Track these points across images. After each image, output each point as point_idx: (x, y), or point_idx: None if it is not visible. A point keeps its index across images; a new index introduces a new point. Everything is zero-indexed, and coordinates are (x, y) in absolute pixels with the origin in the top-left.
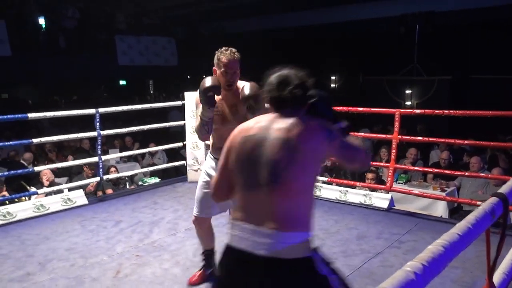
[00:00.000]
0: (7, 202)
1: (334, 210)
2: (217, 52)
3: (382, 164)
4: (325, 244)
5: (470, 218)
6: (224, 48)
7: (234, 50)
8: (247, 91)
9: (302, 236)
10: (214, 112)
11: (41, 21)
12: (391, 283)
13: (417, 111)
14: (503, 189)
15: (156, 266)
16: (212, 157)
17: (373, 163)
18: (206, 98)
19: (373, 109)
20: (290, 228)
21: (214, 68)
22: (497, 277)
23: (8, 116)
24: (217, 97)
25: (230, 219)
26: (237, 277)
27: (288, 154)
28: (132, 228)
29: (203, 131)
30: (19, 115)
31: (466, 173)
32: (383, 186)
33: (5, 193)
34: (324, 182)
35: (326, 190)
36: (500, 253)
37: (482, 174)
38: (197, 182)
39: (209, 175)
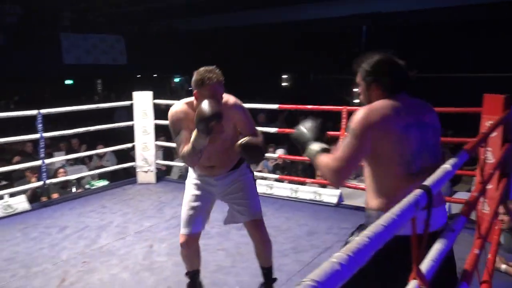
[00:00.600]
0: None
1: (285, 207)
2: (197, 73)
3: None
4: (276, 241)
5: (395, 210)
6: (202, 69)
7: (217, 71)
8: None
9: None
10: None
11: None
12: (317, 275)
13: None
14: (428, 181)
15: (104, 271)
16: (197, 176)
17: None
18: (207, 128)
19: (321, 107)
20: None
21: (194, 91)
22: (425, 265)
23: None
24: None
25: None
26: None
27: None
28: (79, 233)
29: (194, 159)
30: None
31: None
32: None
33: None
34: (275, 180)
35: (278, 188)
36: (425, 241)
37: None
38: (147, 183)
39: (195, 193)
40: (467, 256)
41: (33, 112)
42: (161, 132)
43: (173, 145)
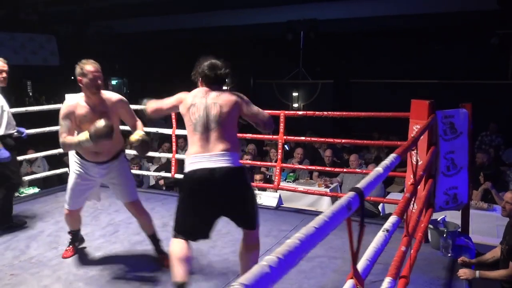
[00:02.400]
0: None
1: None
2: (79, 64)
3: (270, 164)
4: (216, 245)
5: (327, 212)
6: (83, 60)
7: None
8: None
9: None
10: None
11: None
12: (246, 278)
13: (300, 112)
14: (360, 184)
15: (34, 284)
16: (80, 158)
17: (261, 163)
18: (97, 142)
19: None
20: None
21: (79, 78)
22: (361, 264)
23: None
24: (85, 106)
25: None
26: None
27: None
28: (6, 244)
29: (73, 149)
30: None
31: (345, 170)
32: (271, 185)
33: None
34: None
35: None
36: (361, 242)
37: (358, 170)
38: None
39: (80, 174)
40: (395, 253)
41: None
42: None
43: None
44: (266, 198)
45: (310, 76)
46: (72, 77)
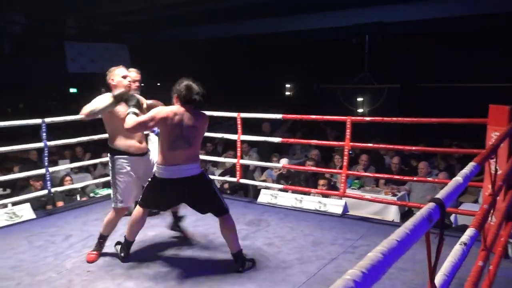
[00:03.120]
0: None
1: (289, 217)
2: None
3: (335, 170)
4: (281, 251)
5: (408, 224)
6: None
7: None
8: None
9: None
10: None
11: None
12: None
13: (367, 118)
14: (440, 194)
15: (109, 281)
16: (127, 156)
17: (327, 170)
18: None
19: (325, 117)
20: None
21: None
22: (438, 279)
23: None
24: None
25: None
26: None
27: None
28: (83, 242)
29: (97, 112)
30: None
31: (415, 178)
32: (336, 192)
33: None
34: (279, 190)
35: (282, 197)
36: (440, 256)
37: (429, 179)
38: None
39: (127, 172)
40: (472, 268)
41: (38, 120)
42: None
43: None
44: (331, 205)
45: (375, 80)
46: (142, 84)
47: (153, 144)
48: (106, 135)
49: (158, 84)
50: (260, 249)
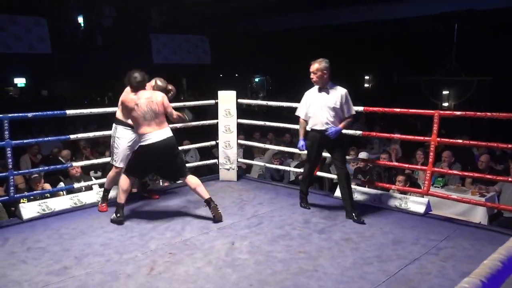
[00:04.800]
0: (48, 196)
1: (368, 213)
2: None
3: (418, 167)
4: (359, 248)
5: None
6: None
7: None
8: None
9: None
10: None
11: (80, 19)
12: None
13: (458, 112)
14: None
15: (189, 264)
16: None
17: (408, 165)
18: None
19: (410, 110)
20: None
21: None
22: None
23: (48, 112)
24: None
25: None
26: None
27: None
28: (165, 225)
29: None
30: (58, 112)
31: (510, 179)
32: (419, 190)
33: (47, 185)
34: (357, 185)
35: (360, 193)
36: None
37: None
38: (229, 180)
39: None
40: None
41: None
42: (241, 131)
43: (254, 143)
44: (412, 203)
45: (464, 72)
46: (221, 75)
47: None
48: (187, 124)
49: (236, 75)
50: (338, 244)
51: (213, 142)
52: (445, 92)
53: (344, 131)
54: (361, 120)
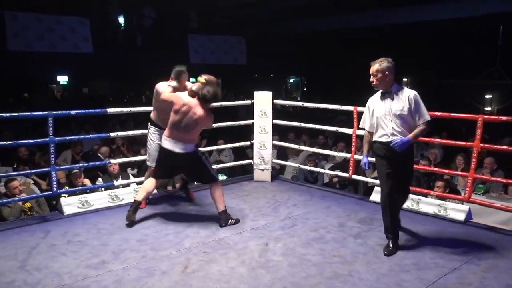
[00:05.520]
0: (87, 191)
1: (405, 219)
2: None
3: (459, 172)
4: (396, 254)
5: None
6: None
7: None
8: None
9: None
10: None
11: (121, 20)
12: None
13: (503, 118)
14: None
15: (223, 264)
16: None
17: (449, 171)
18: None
19: (452, 114)
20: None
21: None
22: None
23: (90, 110)
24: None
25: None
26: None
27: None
28: (200, 224)
29: None
30: (100, 110)
31: None
32: (459, 197)
33: (87, 181)
34: None
35: None
36: None
37: None
38: (263, 181)
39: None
40: None
41: None
42: (275, 131)
43: (289, 144)
44: (452, 210)
45: (508, 75)
46: (256, 75)
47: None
48: (222, 124)
49: (272, 75)
50: (373, 249)
51: (248, 142)
52: (487, 96)
53: None
54: None
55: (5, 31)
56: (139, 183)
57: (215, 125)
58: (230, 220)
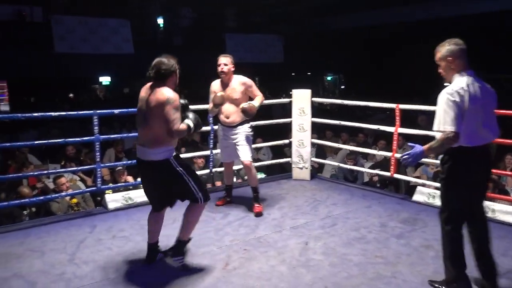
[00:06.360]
0: (131, 188)
1: None
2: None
3: (509, 173)
4: (440, 256)
5: None
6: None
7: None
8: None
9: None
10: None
11: (160, 21)
12: None
13: None
14: None
15: (263, 262)
16: (219, 124)
17: (498, 171)
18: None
19: (502, 111)
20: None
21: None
22: None
23: (133, 109)
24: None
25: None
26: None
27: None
28: (240, 221)
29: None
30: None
31: None
32: (509, 198)
33: (129, 178)
34: (438, 189)
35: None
36: None
37: None
38: (302, 180)
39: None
40: None
41: (205, 106)
42: (313, 129)
43: (328, 143)
44: (500, 212)
45: None
46: (293, 73)
47: None
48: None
49: (309, 73)
50: (417, 250)
51: (287, 141)
52: None
53: (425, 132)
54: None
55: (52, 34)
56: None
57: (267, 122)
58: (180, 257)
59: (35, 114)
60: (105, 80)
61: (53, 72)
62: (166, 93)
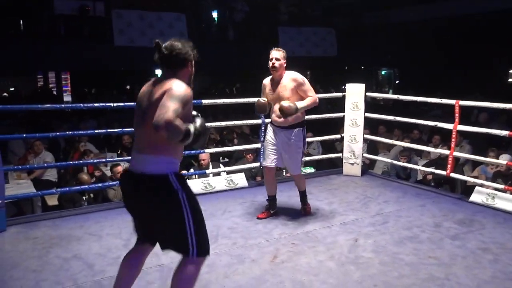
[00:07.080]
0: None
1: (510, 222)
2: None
3: None
4: (499, 260)
5: None
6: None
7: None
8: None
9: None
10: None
11: (214, 14)
12: None
13: None
14: None
15: (311, 257)
16: (270, 124)
17: None
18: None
19: None
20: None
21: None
22: None
23: None
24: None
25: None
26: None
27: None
28: (288, 215)
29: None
30: (195, 101)
31: None
32: None
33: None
34: (498, 190)
35: (501, 199)
36: None
37: None
38: (353, 175)
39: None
40: None
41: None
42: (366, 125)
43: (381, 139)
44: None
45: None
46: (346, 67)
47: None
48: (312, 116)
49: (362, 67)
50: (474, 253)
51: (338, 136)
52: None
53: (486, 130)
54: (501, 119)
55: (111, 28)
56: (229, 172)
57: (319, 116)
58: None
59: (96, 104)
60: (160, 73)
61: (112, 64)
62: (175, 83)
